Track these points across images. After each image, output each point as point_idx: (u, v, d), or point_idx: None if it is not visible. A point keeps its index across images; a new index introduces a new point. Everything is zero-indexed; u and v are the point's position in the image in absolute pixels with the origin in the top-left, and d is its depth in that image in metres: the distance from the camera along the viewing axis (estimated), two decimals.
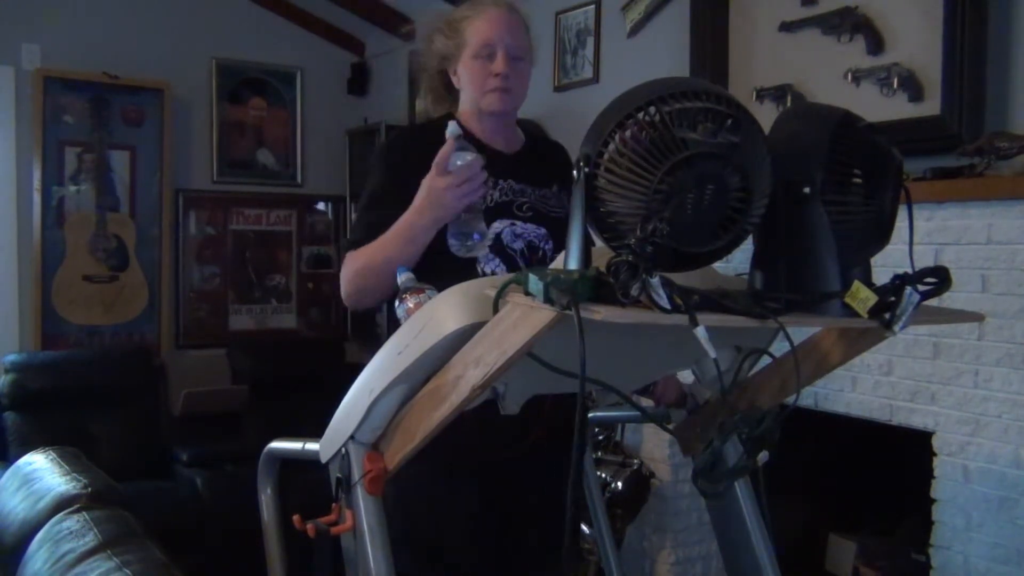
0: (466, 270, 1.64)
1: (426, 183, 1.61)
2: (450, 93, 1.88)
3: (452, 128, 1.61)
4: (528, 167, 1.80)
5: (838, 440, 2.74)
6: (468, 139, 1.78)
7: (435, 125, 1.85)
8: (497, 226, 1.73)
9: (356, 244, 1.73)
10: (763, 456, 1.27)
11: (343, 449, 1.38)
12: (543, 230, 1.76)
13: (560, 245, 1.75)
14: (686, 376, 1.63)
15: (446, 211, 1.61)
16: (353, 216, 4.74)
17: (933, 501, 2.26)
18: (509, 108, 1.78)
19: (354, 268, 1.72)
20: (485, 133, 1.80)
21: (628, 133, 1.04)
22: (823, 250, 1.14)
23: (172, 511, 3.41)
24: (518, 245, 1.73)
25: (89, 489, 1.75)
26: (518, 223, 1.75)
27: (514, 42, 1.76)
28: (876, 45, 2.46)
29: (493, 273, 1.68)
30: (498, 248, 1.72)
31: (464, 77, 1.78)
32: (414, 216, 1.63)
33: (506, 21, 1.76)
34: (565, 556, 1.51)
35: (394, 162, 1.79)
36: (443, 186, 1.59)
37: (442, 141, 1.71)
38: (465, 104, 1.82)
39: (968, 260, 2.15)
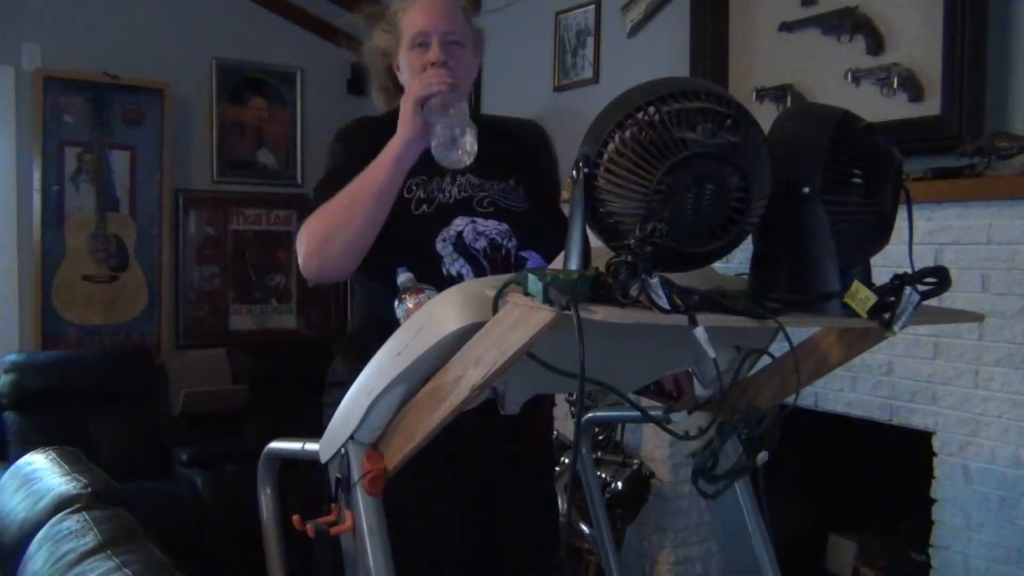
0: (433, 276, 1.60)
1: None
2: (398, 91, 1.82)
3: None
4: (487, 160, 1.71)
5: (838, 440, 2.74)
6: None
7: (390, 116, 1.82)
8: (458, 224, 1.69)
9: (313, 208, 1.67)
10: (763, 456, 1.27)
11: (343, 449, 1.38)
12: (505, 226, 1.72)
13: (525, 242, 1.73)
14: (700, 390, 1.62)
15: (403, 116, 1.56)
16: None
17: (933, 501, 2.26)
18: (449, 101, 1.72)
19: (315, 220, 1.63)
20: None
21: (628, 133, 1.04)
22: (823, 250, 1.14)
23: (172, 511, 3.41)
24: (480, 244, 1.69)
25: (89, 489, 1.75)
26: (479, 220, 1.71)
27: (448, 28, 1.71)
28: (876, 45, 2.46)
29: (459, 275, 1.65)
30: (461, 247, 1.68)
31: (404, 71, 1.76)
32: (388, 147, 1.59)
33: (438, 9, 1.72)
34: (565, 556, 1.50)
35: (351, 137, 1.77)
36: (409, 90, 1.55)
37: (396, 124, 1.68)
38: None
39: (968, 260, 2.15)
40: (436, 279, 1.61)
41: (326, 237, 1.61)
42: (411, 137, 1.59)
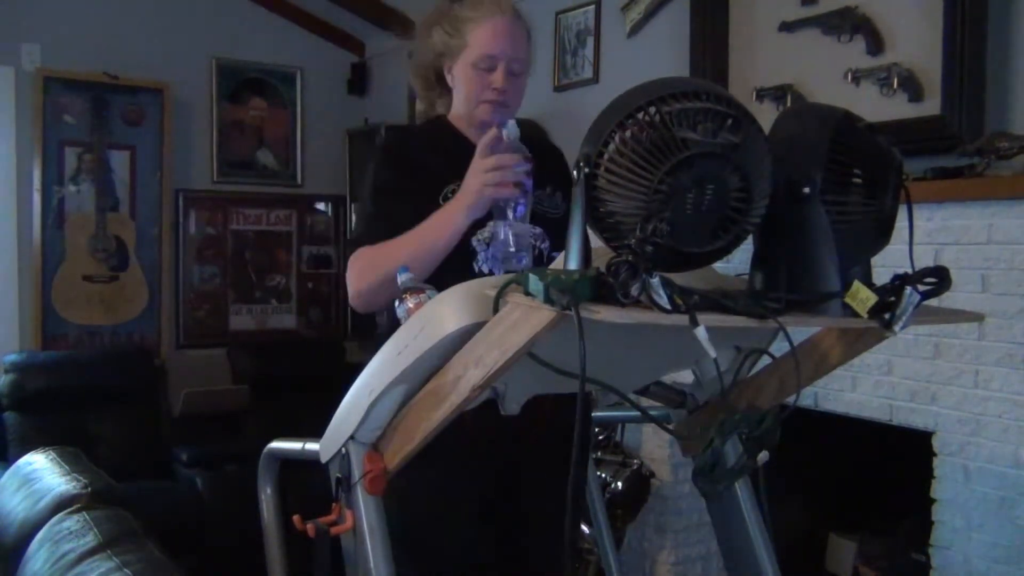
0: (462, 268, 1.63)
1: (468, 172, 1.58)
2: (439, 83, 1.85)
3: (511, 128, 1.56)
4: None
5: (838, 440, 2.74)
6: (460, 141, 1.77)
7: (432, 123, 1.85)
8: (492, 226, 1.71)
9: (362, 240, 1.71)
10: (763, 456, 1.27)
11: (343, 449, 1.38)
12: (539, 229, 1.74)
13: (558, 245, 1.74)
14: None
15: (472, 196, 1.58)
16: (353, 216, 4.74)
17: (933, 501, 2.26)
18: (502, 120, 1.74)
19: (368, 263, 1.68)
20: (476, 135, 1.77)
21: (628, 133, 1.04)
22: (823, 250, 1.14)
23: (172, 511, 3.41)
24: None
25: (89, 489, 1.75)
26: (513, 223, 1.73)
27: (516, 55, 1.73)
28: (876, 45, 2.46)
29: (491, 271, 1.68)
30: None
31: (459, 81, 1.76)
32: (445, 209, 1.62)
33: (510, 33, 1.73)
34: (565, 556, 1.50)
35: (395, 156, 1.77)
36: (478, 167, 1.56)
37: (439, 137, 1.70)
38: (458, 107, 1.80)
39: (968, 260, 2.15)
40: (468, 275, 1.62)
41: (376, 286, 1.66)
42: (475, 212, 1.60)
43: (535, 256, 1.72)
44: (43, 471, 1.91)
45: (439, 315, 1.22)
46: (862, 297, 1.10)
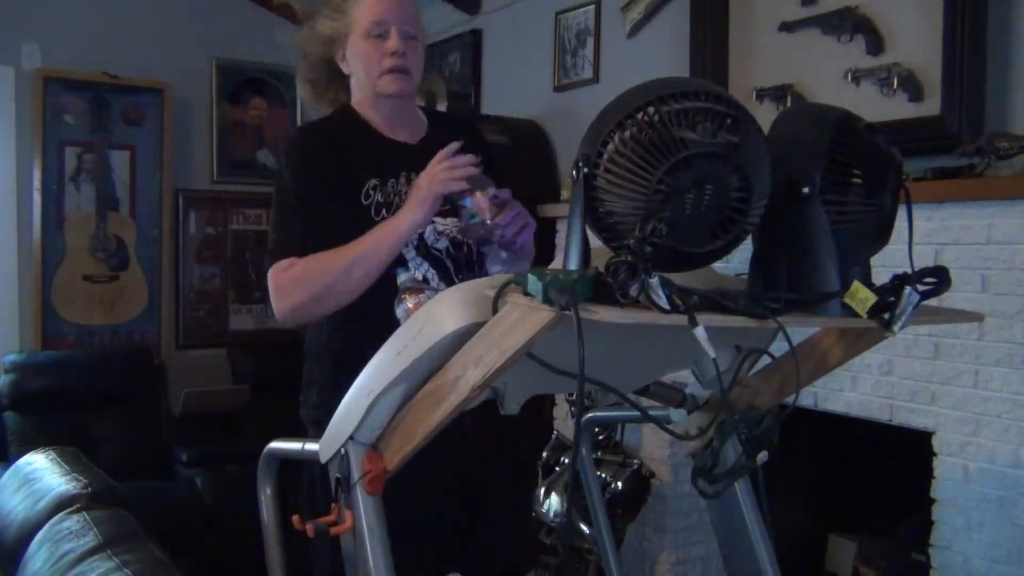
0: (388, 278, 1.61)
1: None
2: (333, 82, 1.80)
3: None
4: (433, 154, 1.69)
5: (838, 440, 2.74)
6: (365, 129, 1.71)
7: (339, 114, 1.78)
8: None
9: (283, 249, 1.66)
10: (763, 456, 1.27)
11: (342, 449, 1.38)
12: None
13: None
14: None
15: (421, 193, 1.54)
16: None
17: (933, 501, 2.26)
18: (406, 89, 1.71)
19: (302, 275, 1.62)
20: (384, 122, 1.74)
21: (627, 133, 1.04)
22: (823, 250, 1.14)
23: (172, 511, 3.41)
24: (442, 244, 1.68)
25: (89, 489, 1.75)
26: (438, 220, 1.69)
27: (406, 19, 1.70)
28: (876, 45, 2.46)
29: (424, 278, 1.64)
30: (424, 250, 1.67)
31: (355, 60, 1.71)
32: (395, 225, 1.58)
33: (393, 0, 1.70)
34: (565, 556, 1.51)
35: (306, 159, 1.72)
36: (428, 170, 1.53)
37: (349, 132, 1.67)
38: (359, 91, 1.75)
39: (968, 260, 2.15)
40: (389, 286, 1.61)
41: (318, 296, 1.61)
42: (422, 222, 1.57)
43: (465, 254, 1.68)
44: (43, 471, 1.91)
45: (438, 315, 1.22)
46: (862, 297, 1.10)
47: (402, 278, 1.56)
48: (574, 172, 1.07)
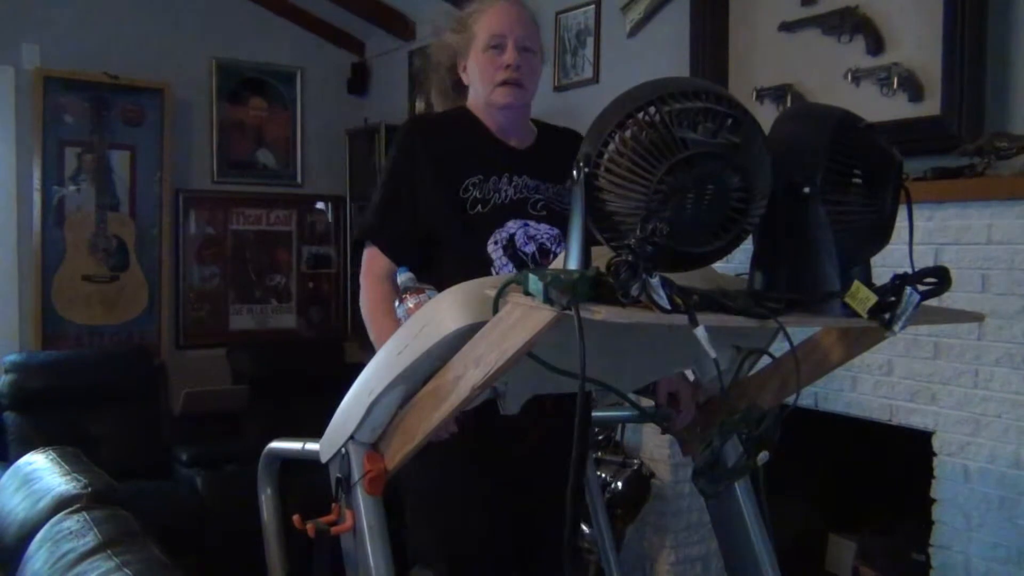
0: (480, 272, 1.63)
1: None
2: (456, 92, 1.87)
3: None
4: (543, 162, 1.79)
5: (838, 440, 2.74)
6: (476, 128, 1.78)
7: (454, 112, 1.86)
8: (511, 226, 1.72)
9: (372, 231, 1.73)
10: (763, 456, 1.27)
11: (343, 449, 1.38)
12: (556, 231, 1.75)
13: None
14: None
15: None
16: (351, 216, 4.74)
17: (933, 501, 2.26)
18: (519, 102, 1.77)
19: (367, 311, 1.72)
20: (497, 128, 1.80)
21: (628, 133, 1.04)
22: (823, 250, 1.14)
23: (172, 511, 3.41)
24: (530, 248, 1.71)
25: (89, 489, 1.75)
26: (531, 224, 1.73)
27: (524, 33, 1.76)
28: (876, 45, 2.46)
29: None
30: (511, 252, 1.70)
31: (473, 71, 1.78)
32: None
33: (515, 13, 1.77)
34: (564, 555, 1.51)
35: (416, 144, 1.77)
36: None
37: (460, 126, 1.73)
38: (475, 98, 1.81)
39: (968, 260, 2.15)
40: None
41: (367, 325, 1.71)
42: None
43: (550, 261, 1.72)
44: (43, 471, 1.90)
45: (439, 315, 1.22)
46: (862, 297, 1.10)
47: (402, 278, 1.56)
48: (575, 172, 1.07)
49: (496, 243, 1.69)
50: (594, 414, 2.10)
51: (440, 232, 1.70)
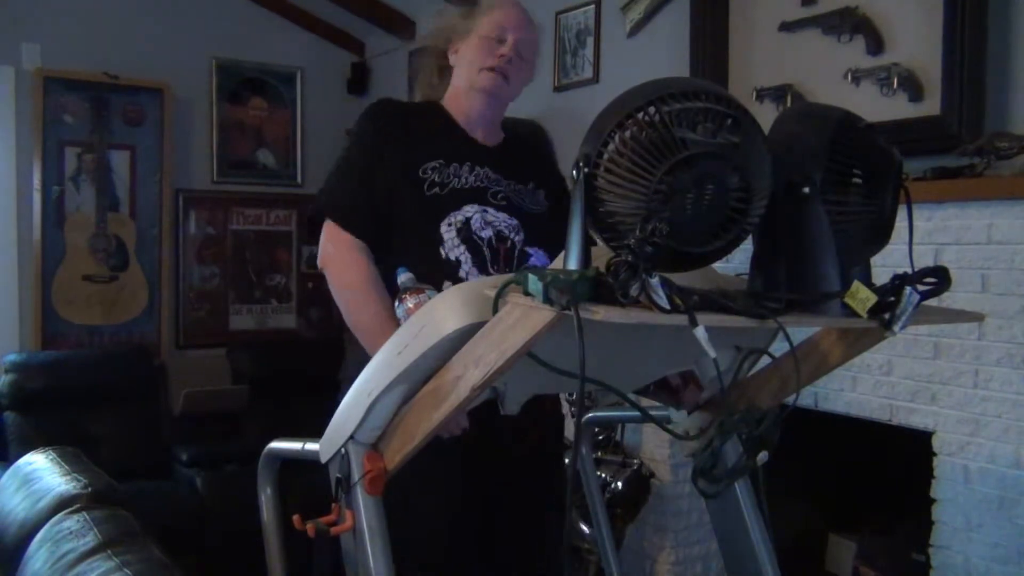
0: (429, 256, 1.64)
1: None
2: (440, 80, 1.87)
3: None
4: (507, 162, 1.80)
5: (838, 440, 2.74)
6: (444, 119, 1.77)
7: (425, 104, 1.86)
8: (469, 210, 1.70)
9: (334, 197, 1.72)
10: (763, 456, 1.27)
11: (343, 449, 1.38)
12: (515, 221, 1.74)
13: (533, 239, 1.74)
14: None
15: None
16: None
17: (933, 501, 2.26)
18: (500, 93, 1.77)
19: (338, 287, 1.70)
20: (467, 119, 1.79)
21: (628, 133, 1.04)
22: (823, 250, 1.14)
23: (172, 511, 3.41)
24: (486, 233, 1.70)
25: (89, 489, 1.74)
26: (490, 210, 1.72)
27: (526, 40, 1.78)
28: (876, 45, 2.46)
29: (457, 260, 1.66)
30: (465, 235, 1.68)
31: (465, 53, 1.78)
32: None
33: (525, 21, 1.80)
34: (565, 555, 1.51)
35: (384, 119, 1.77)
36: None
37: (430, 116, 1.72)
38: (456, 82, 1.81)
39: (968, 260, 2.15)
40: (433, 262, 1.62)
41: (339, 304, 1.71)
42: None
43: (507, 248, 1.71)
44: (43, 471, 1.90)
45: (439, 315, 1.22)
46: (862, 297, 1.10)
47: (402, 278, 1.56)
48: (574, 172, 1.07)
49: (450, 225, 1.68)
50: (594, 414, 2.10)
51: (393, 210, 1.68)
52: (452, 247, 1.67)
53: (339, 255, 1.71)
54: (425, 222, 1.68)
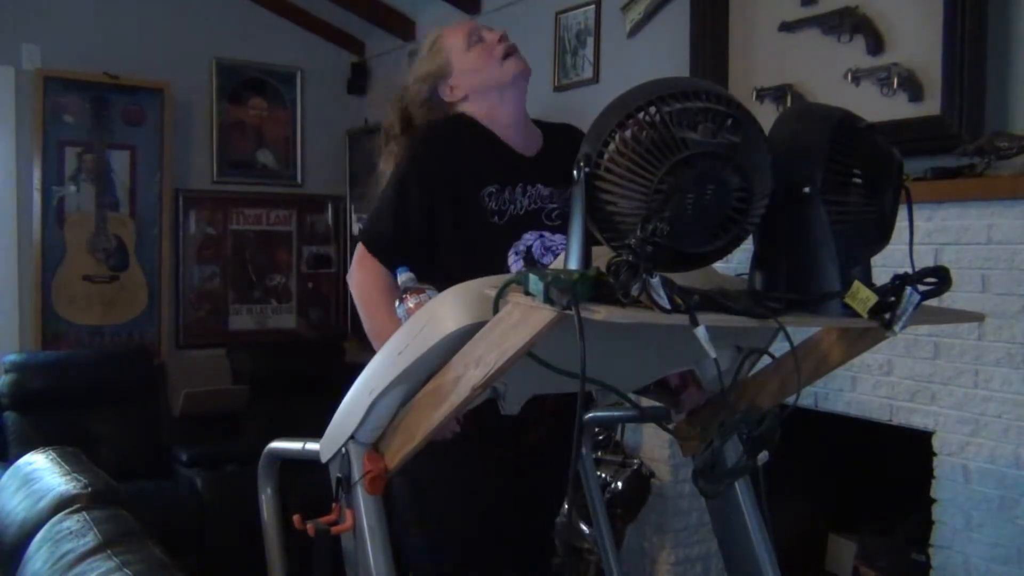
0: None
1: None
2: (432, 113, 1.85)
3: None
4: (553, 168, 1.76)
5: (838, 440, 2.74)
6: (487, 137, 1.77)
7: (459, 121, 1.83)
8: (528, 238, 1.71)
9: (373, 234, 1.72)
10: (763, 456, 1.27)
11: (343, 449, 1.38)
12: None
13: None
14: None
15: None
16: (353, 216, 4.74)
17: (933, 501, 2.26)
18: (527, 68, 1.79)
19: (361, 301, 1.70)
20: (506, 128, 1.79)
21: (628, 133, 1.04)
22: (823, 250, 1.14)
23: (172, 511, 3.41)
24: (547, 260, 1.70)
25: (89, 489, 1.75)
26: (547, 234, 1.73)
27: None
28: (876, 45, 2.46)
29: None
30: (529, 263, 1.70)
31: (467, 74, 1.78)
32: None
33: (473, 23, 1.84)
34: (565, 556, 1.51)
35: (435, 155, 1.74)
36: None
37: (472, 137, 1.73)
38: (481, 100, 1.79)
39: (968, 260, 2.15)
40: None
41: (362, 319, 1.72)
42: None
43: None
44: (43, 471, 1.90)
45: (439, 315, 1.22)
46: (862, 297, 1.10)
47: (403, 277, 1.56)
48: (575, 172, 1.07)
49: (516, 254, 1.69)
50: (594, 414, 2.10)
51: (456, 242, 1.68)
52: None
53: (358, 271, 1.73)
54: (492, 253, 1.68)
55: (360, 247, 1.73)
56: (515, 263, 1.69)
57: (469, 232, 1.68)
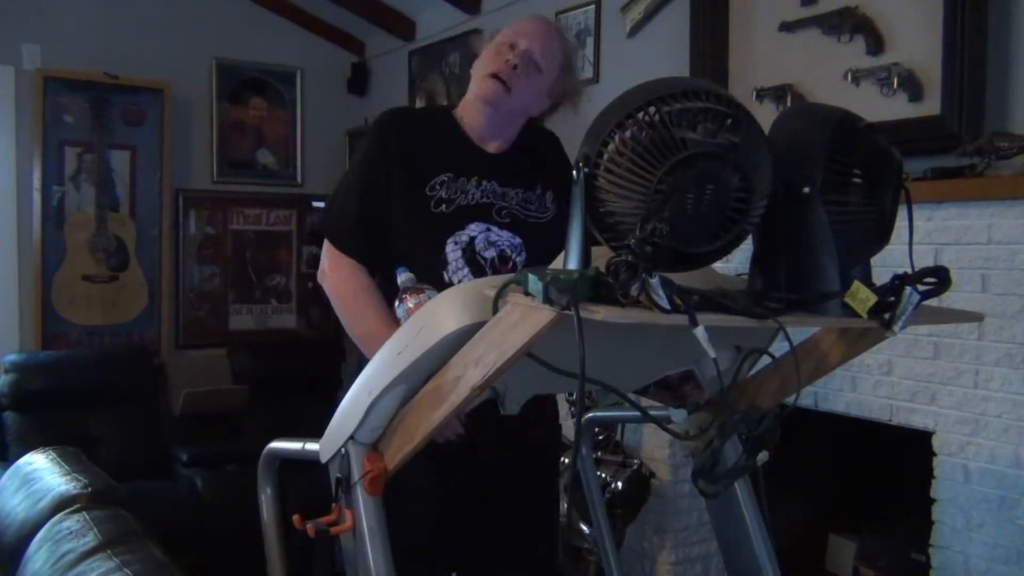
0: (433, 279, 1.63)
1: None
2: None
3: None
4: (513, 168, 1.79)
5: (838, 440, 2.74)
6: (453, 129, 1.76)
7: (434, 110, 1.86)
8: (473, 229, 1.71)
9: (341, 230, 1.73)
10: (763, 456, 1.27)
11: (343, 449, 1.38)
12: (518, 240, 1.74)
13: (534, 256, 1.74)
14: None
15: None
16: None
17: (933, 501, 2.26)
18: (497, 101, 1.72)
19: (336, 296, 1.75)
20: (476, 129, 1.78)
21: (628, 133, 1.04)
22: (823, 250, 1.14)
23: (172, 511, 3.41)
24: (490, 254, 1.71)
25: (89, 489, 1.75)
26: (494, 229, 1.73)
27: (540, 50, 1.74)
28: (876, 45, 2.46)
29: (460, 283, 1.67)
30: (469, 255, 1.69)
31: (479, 62, 1.78)
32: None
33: (543, 32, 1.77)
34: (565, 556, 1.51)
35: (390, 136, 1.75)
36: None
37: (438, 126, 1.72)
38: (468, 93, 1.81)
39: (968, 260, 2.15)
40: (437, 283, 1.62)
41: (339, 314, 1.75)
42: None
43: (509, 269, 1.71)
44: (43, 471, 1.90)
45: (439, 315, 1.22)
46: (862, 297, 1.10)
47: (402, 278, 1.56)
48: (575, 172, 1.07)
49: (456, 244, 1.68)
50: (594, 414, 2.10)
51: (400, 226, 1.69)
52: (456, 269, 1.68)
53: (334, 272, 1.76)
54: (431, 241, 1.68)
55: (328, 246, 1.74)
56: (452, 251, 1.68)
57: (414, 217, 1.68)
